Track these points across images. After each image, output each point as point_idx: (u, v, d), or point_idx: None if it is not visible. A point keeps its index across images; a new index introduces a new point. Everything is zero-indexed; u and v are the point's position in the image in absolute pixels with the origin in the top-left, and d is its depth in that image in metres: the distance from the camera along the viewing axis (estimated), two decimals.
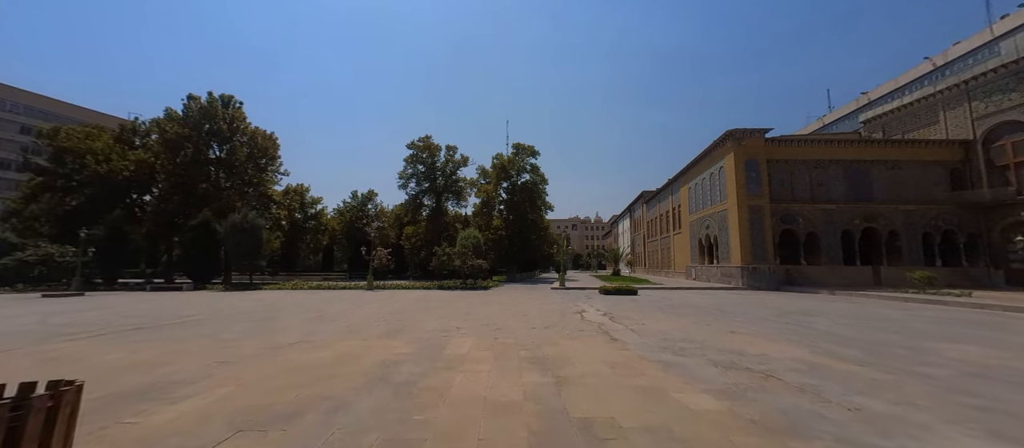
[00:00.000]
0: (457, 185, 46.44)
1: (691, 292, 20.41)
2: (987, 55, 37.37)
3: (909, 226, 26.12)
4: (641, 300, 15.53)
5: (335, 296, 17.98)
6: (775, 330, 8.07)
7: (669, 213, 43.26)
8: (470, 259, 23.57)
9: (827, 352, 5.95)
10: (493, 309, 12.27)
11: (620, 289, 18.68)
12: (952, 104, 27.95)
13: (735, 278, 25.16)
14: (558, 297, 17.30)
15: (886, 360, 5.47)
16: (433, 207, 46.34)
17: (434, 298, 16.70)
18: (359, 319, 9.89)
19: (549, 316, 10.51)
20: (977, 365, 5.19)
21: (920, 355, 5.80)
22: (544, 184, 43.33)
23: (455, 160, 45.91)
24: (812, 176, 26.98)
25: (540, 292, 20.82)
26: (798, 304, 14.02)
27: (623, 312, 11.30)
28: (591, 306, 13.06)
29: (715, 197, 29.13)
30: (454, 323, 9.14)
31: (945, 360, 5.48)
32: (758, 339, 7.02)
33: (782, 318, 10.11)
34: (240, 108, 35.75)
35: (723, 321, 9.47)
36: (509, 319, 9.86)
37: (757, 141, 25.79)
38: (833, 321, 9.53)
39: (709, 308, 12.45)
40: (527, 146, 42.46)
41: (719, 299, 16.15)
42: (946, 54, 44.42)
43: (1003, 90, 24.87)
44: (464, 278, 24.62)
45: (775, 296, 17.99)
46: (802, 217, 26.22)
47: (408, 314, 10.95)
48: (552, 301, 15.25)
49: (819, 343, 6.67)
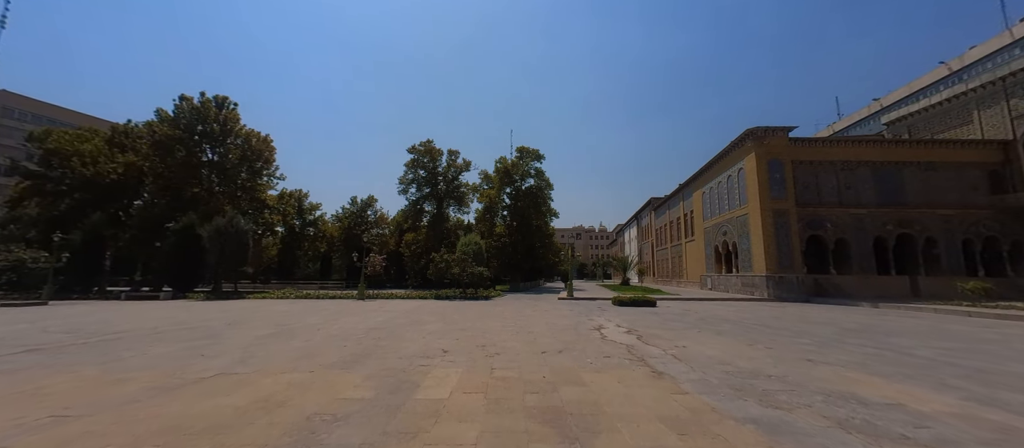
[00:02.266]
0: (459, 190, 44.83)
1: (714, 304, 18.36)
2: (1009, 57, 35.49)
3: (947, 232, 23.99)
4: (663, 313, 13.55)
5: (318, 307, 16.14)
6: (865, 358, 6.12)
7: (680, 220, 41.26)
8: (470, 267, 21.70)
9: (988, 400, 4.02)
10: (493, 324, 10.36)
11: (636, 300, 16.70)
12: (987, 103, 26.01)
13: (759, 288, 23.06)
14: (567, 309, 15.35)
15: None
16: (434, 213, 44.70)
17: (428, 309, 14.82)
18: (325, 337, 8.03)
19: (562, 333, 8.60)
20: None
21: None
22: (549, 189, 41.54)
23: (457, 165, 44.39)
24: (839, 178, 25.01)
25: (546, 303, 18.87)
26: (851, 319, 11.97)
27: (650, 328, 9.35)
28: (608, 321, 11.12)
29: (734, 201, 27.17)
30: (441, 344, 7.26)
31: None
32: (857, 373, 5.09)
33: (853, 339, 8.13)
34: (234, 110, 34.49)
35: (782, 343, 7.52)
36: (511, 338, 7.96)
37: (780, 140, 23.93)
38: (925, 342, 7.55)
39: (750, 324, 10.46)
40: (531, 150, 40.82)
41: (753, 312, 14.12)
42: (962, 58, 42.65)
43: None
44: (464, 287, 22.74)
45: (813, 309, 15.92)
46: (830, 222, 24.17)
47: (389, 331, 9.07)
48: (562, 313, 13.32)
49: (953, 381, 4.73)
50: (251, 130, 35.06)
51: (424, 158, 43.28)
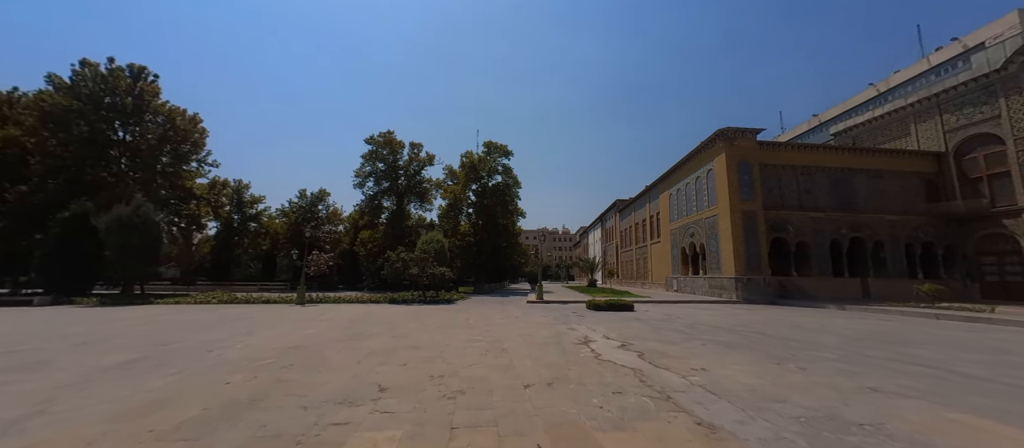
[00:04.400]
0: (421, 186, 42.04)
1: (690, 307, 17.59)
2: (926, 82, 39.16)
3: (893, 237, 25.32)
4: (647, 319, 12.28)
5: (239, 315, 13.23)
6: (923, 382, 4.96)
7: (646, 221, 41.37)
8: (431, 267, 19.45)
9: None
10: (456, 336, 8.40)
11: (613, 304, 15.43)
12: (923, 117, 27.93)
13: (727, 290, 22.88)
14: (541, 314, 13.70)
15: None
16: (394, 209, 41.57)
17: (377, 316, 12.49)
18: (210, 366, 5.67)
19: (544, 351, 6.85)
20: None
21: None
22: (517, 187, 40.02)
23: (420, 158, 41.60)
24: (800, 183, 25.65)
25: (516, 307, 17.14)
26: (839, 324, 11.35)
27: (645, 341, 7.87)
28: (592, 330, 9.56)
29: (702, 203, 27.09)
30: (381, 373, 5.23)
31: None
32: (953, 412, 3.80)
33: (872, 351, 7.13)
34: (154, 82, 29.42)
35: (807, 359, 6.30)
36: (480, 360, 6.08)
37: (750, 142, 24.01)
38: (949, 353, 6.68)
39: (747, 332, 9.35)
40: (499, 145, 39.07)
41: (735, 316, 13.28)
42: (888, 81, 46.86)
43: (974, 103, 24.84)
44: (423, 289, 20.42)
45: (789, 312, 15.51)
46: (792, 225, 24.65)
47: (313, 351, 6.84)
48: (536, 320, 11.62)
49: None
50: (175, 107, 30.15)
51: (383, 150, 40.07)
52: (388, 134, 40.18)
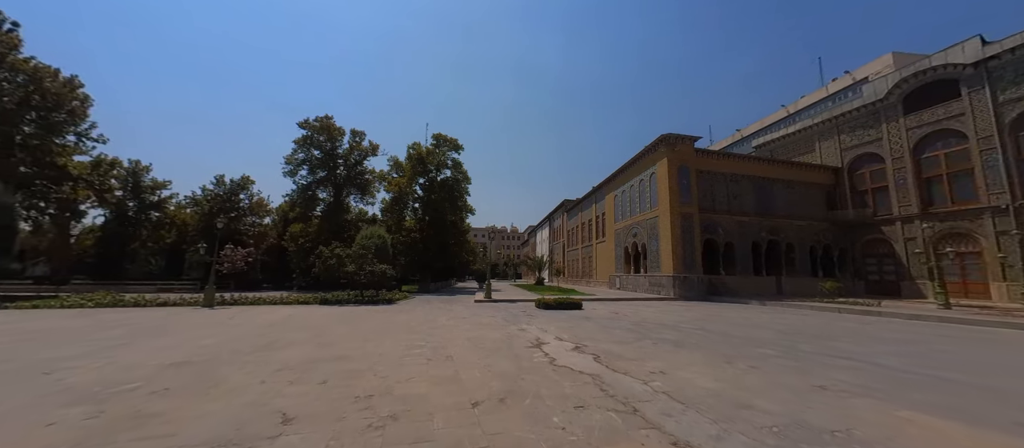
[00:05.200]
0: (363, 177, 39.09)
1: (633, 304, 18.12)
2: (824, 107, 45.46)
3: (801, 240, 28.64)
4: (595, 317, 12.20)
5: (119, 321, 10.77)
6: (864, 378, 5.09)
7: (592, 221, 42.70)
8: (370, 264, 17.81)
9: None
10: (392, 344, 7.40)
11: (562, 302, 15.27)
12: (825, 136, 32.01)
13: (665, 288, 24.16)
14: (489, 314, 13.03)
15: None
16: (330, 201, 38.17)
17: (302, 321, 10.90)
18: (25, 401, 4.16)
19: (495, 357, 6.18)
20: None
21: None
22: (467, 183, 38.93)
23: (361, 147, 38.63)
24: (729, 189, 27.95)
25: (463, 306, 16.29)
26: (765, 319, 12.21)
27: (598, 342, 7.56)
28: (544, 331, 9.11)
29: (645, 204, 28.40)
30: (289, 395, 4.17)
31: None
32: (908, 411, 3.81)
33: (806, 345, 7.50)
34: (13, 33, 23.57)
35: (754, 358, 6.37)
36: (420, 373, 5.24)
37: (689, 149, 25.58)
38: (869, 347, 7.23)
39: (691, 330, 9.54)
40: (449, 138, 37.67)
41: (676, 313, 13.77)
42: (797, 104, 53.94)
43: (864, 126, 28.95)
44: (361, 288, 18.67)
45: (722, 308, 16.56)
46: (722, 227, 26.77)
47: (201, 370, 5.47)
48: (484, 321, 10.92)
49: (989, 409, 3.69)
50: (43, 66, 24.47)
51: (319, 136, 36.57)
52: (326, 119, 36.77)
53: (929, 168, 24.48)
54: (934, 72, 23.91)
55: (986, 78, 21.38)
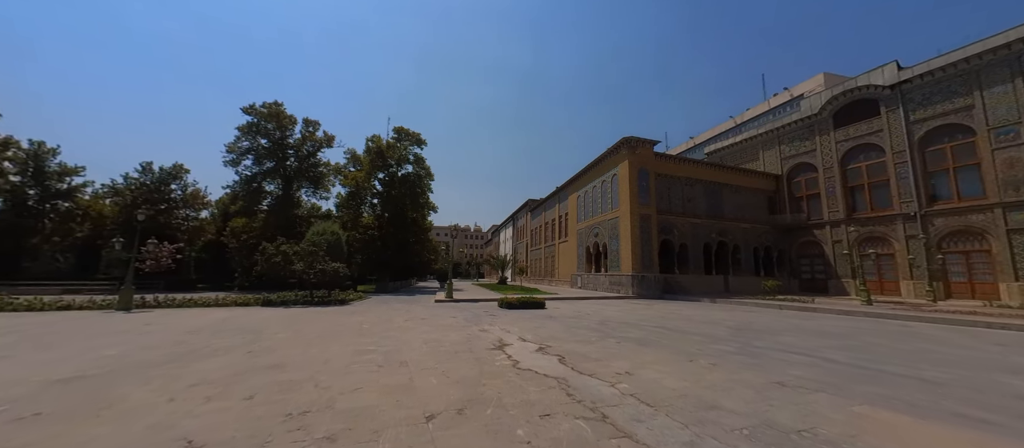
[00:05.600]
0: (316, 170, 36.64)
1: (595, 303, 18.36)
2: (766, 120, 49.55)
3: (746, 242, 30.73)
4: (559, 317, 12.09)
5: (1, 328, 9.01)
6: (816, 374, 5.25)
7: (556, 221, 43.18)
8: (321, 262, 16.52)
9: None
10: (341, 347, 6.72)
11: (525, 301, 15.06)
12: (768, 146, 34.61)
13: (625, 286, 24.84)
14: (450, 315, 12.49)
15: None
16: (279, 195, 35.42)
17: (238, 324, 9.74)
18: None
19: (454, 361, 5.73)
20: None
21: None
22: (429, 179, 37.74)
23: (315, 138, 36.18)
24: (684, 192, 29.34)
25: (422, 307, 15.58)
26: (717, 316, 12.76)
27: (562, 342, 7.36)
28: (507, 331, 8.78)
29: (606, 205, 29.05)
30: (197, 421, 3.47)
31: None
32: (861, 405, 3.88)
33: (759, 342, 7.78)
34: None
35: (715, 354, 6.45)
36: (368, 380, 4.70)
37: (648, 152, 26.48)
38: (804, 340, 7.64)
39: (652, 328, 9.67)
40: (412, 132, 36.33)
41: (636, 311, 14.05)
42: (743, 115, 58.38)
43: (800, 138, 31.62)
44: (311, 288, 17.28)
45: (678, 306, 17.21)
46: (677, 229, 28.02)
47: (96, 386, 4.55)
48: (445, 322, 10.40)
49: (954, 406, 3.88)
50: None
51: (267, 123, 33.77)
52: (275, 105, 34.02)
53: (854, 178, 27.19)
54: (858, 92, 26.58)
55: (900, 99, 24.09)
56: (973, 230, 21.02)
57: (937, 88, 22.67)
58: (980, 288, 20.54)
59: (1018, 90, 19.61)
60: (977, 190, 21.09)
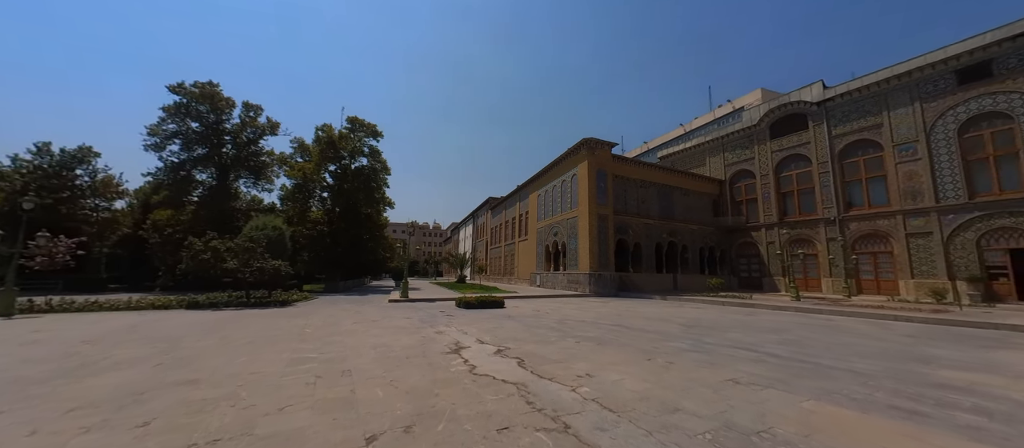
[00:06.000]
0: (258, 159, 33.59)
1: (554, 301, 18.46)
2: (712, 128, 53.38)
3: (693, 242, 32.69)
4: (518, 316, 11.89)
5: None
6: (765, 369, 5.43)
7: (516, 220, 43.20)
8: (260, 259, 14.98)
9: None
10: (275, 355, 5.95)
11: (484, 301, 14.71)
12: (714, 153, 37.07)
13: (582, 285, 25.33)
14: (404, 316, 11.82)
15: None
16: (213, 185, 32.02)
17: (150, 332, 8.43)
18: None
19: (403, 368, 5.25)
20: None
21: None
22: (386, 174, 36.12)
23: (257, 124, 33.16)
24: (638, 194, 30.55)
25: (375, 308, 14.67)
26: (668, 313, 13.27)
27: (521, 343, 7.12)
28: (464, 332, 8.39)
29: (566, 204, 29.47)
30: None
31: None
32: (812, 403, 4.00)
33: (710, 338, 8.07)
34: None
35: (671, 353, 6.54)
36: (302, 395, 4.12)
37: (607, 154, 27.18)
38: (748, 335, 8.07)
39: (610, 326, 9.75)
40: (367, 123, 34.46)
41: (594, 310, 14.25)
42: (691, 123, 62.47)
43: (742, 147, 34.19)
44: (248, 288, 15.60)
45: (634, 303, 17.77)
46: (632, 229, 29.10)
47: None
48: (398, 324, 9.76)
49: (905, 404, 4.11)
50: None
51: (199, 105, 30.35)
52: (209, 86, 30.64)
53: (786, 185, 29.87)
54: (791, 107, 29.22)
55: (825, 115, 26.81)
56: (880, 234, 23.90)
57: (854, 107, 25.49)
58: (884, 285, 23.42)
59: (916, 112, 22.55)
60: (883, 199, 23.99)
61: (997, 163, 19.92)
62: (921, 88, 22.51)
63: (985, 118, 20.33)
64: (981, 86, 20.41)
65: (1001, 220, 19.48)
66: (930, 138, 22.00)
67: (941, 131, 21.67)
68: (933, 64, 21.88)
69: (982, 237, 20.07)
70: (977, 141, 20.56)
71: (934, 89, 22.03)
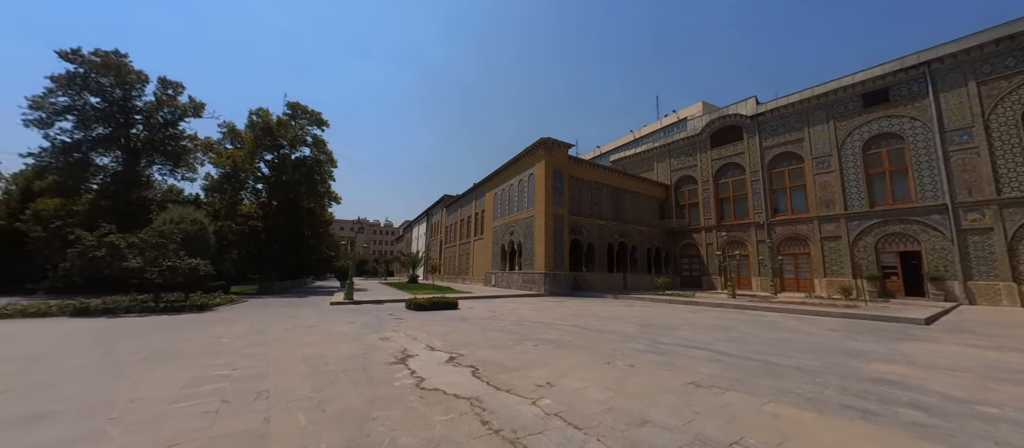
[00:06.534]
0: (177, 143, 29.48)
1: (510, 301, 18.11)
2: (659, 136, 56.71)
3: (642, 243, 34.22)
4: (472, 318, 11.32)
5: None
6: (720, 369, 5.42)
7: (471, 218, 42.41)
8: (170, 257, 12.87)
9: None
10: (166, 379, 4.84)
11: (437, 302, 13.93)
12: (661, 158, 39.16)
13: (537, 284, 25.33)
14: (346, 320, 10.72)
15: None
16: (118, 171, 27.59)
17: (3, 351, 6.68)
18: None
19: (337, 384, 4.49)
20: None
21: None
22: (331, 167, 33.54)
23: (177, 104, 29.10)
24: (592, 195, 31.29)
25: (313, 310, 13.27)
26: (620, 311, 13.49)
27: (476, 349, 6.59)
28: (413, 338, 7.67)
29: (523, 204, 29.34)
30: None
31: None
32: (775, 405, 3.91)
33: (664, 337, 8.11)
34: None
35: (630, 355, 6.38)
36: (196, 428, 3.27)
37: (563, 154, 27.44)
38: (699, 334, 8.27)
39: (567, 327, 9.55)
40: (310, 110, 31.70)
41: (549, 310, 14.09)
42: (640, 130, 66.00)
43: (686, 154, 36.44)
44: (157, 291, 13.32)
45: (588, 302, 17.95)
46: (586, 229, 29.72)
47: None
48: (337, 331, 8.74)
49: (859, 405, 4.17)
50: None
51: (101, 77, 25.93)
52: (114, 55, 26.29)
53: (723, 191, 32.28)
54: (729, 119, 31.64)
55: (758, 128, 29.33)
56: (800, 237, 26.61)
57: (781, 122, 28.17)
58: (803, 283, 26.11)
59: (831, 130, 25.39)
60: (804, 206, 26.74)
61: (892, 177, 22.98)
62: (835, 108, 25.38)
63: (883, 137, 23.37)
64: (880, 109, 23.43)
65: (894, 227, 22.49)
66: (841, 153, 24.86)
67: (850, 147, 24.59)
68: (845, 87, 24.76)
69: (879, 241, 23.04)
70: (877, 157, 23.57)
71: (845, 110, 24.94)
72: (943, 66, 21.32)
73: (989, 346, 7.40)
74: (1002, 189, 19.19)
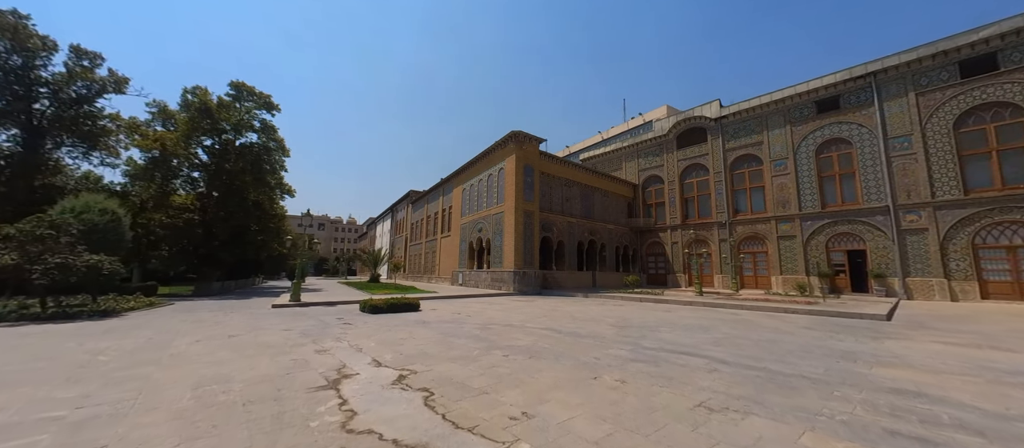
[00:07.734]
0: (94, 123, 25.56)
1: (477, 302, 16.98)
2: (626, 137, 57.85)
3: (611, 241, 34.27)
4: (434, 322, 10.10)
5: None
6: (714, 381, 4.67)
7: (438, 215, 40.71)
8: (65, 252, 10.54)
9: None
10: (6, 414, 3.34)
11: (395, 303, 12.53)
12: (629, 158, 39.55)
13: (506, 283, 24.37)
14: (282, 326, 9.13)
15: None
16: (16, 153, 23.52)
17: None
18: None
19: (225, 431, 3.21)
20: None
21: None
22: (283, 155, 30.68)
23: (93, 77, 25.23)
24: (563, 193, 30.80)
25: (246, 315, 11.44)
26: (595, 311, 12.81)
27: (432, 362, 5.45)
28: (357, 348, 6.38)
29: (492, 200, 28.23)
30: None
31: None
32: (784, 429, 3.15)
33: (647, 342, 7.37)
34: None
35: (613, 365, 5.53)
36: None
37: (535, 149, 26.63)
38: (681, 335, 7.64)
39: (541, 332, 8.61)
40: (257, 92, 28.71)
41: (521, 311, 13.13)
42: (609, 131, 67.10)
43: (653, 154, 36.96)
44: (42, 295, 10.86)
45: (559, 302, 17.20)
46: (556, 227, 29.15)
47: None
48: (265, 340, 7.23)
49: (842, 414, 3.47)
50: None
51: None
52: (9, 15, 22.22)
53: (688, 191, 32.96)
54: (694, 121, 32.32)
55: (721, 130, 30.11)
56: (759, 236, 27.56)
57: (742, 125, 29.06)
58: (761, 280, 27.06)
59: (788, 134, 26.45)
60: (762, 206, 27.73)
61: (841, 180, 24.22)
62: (792, 113, 26.45)
63: (834, 142, 24.59)
64: (832, 116, 24.63)
65: (843, 227, 23.71)
66: (797, 156, 25.94)
67: (804, 151, 25.71)
68: (800, 94, 25.84)
69: (830, 240, 24.23)
70: (829, 161, 24.77)
71: (800, 115, 26.05)
72: (887, 77, 22.67)
73: (962, 343, 7.32)
74: (936, 193, 20.63)
